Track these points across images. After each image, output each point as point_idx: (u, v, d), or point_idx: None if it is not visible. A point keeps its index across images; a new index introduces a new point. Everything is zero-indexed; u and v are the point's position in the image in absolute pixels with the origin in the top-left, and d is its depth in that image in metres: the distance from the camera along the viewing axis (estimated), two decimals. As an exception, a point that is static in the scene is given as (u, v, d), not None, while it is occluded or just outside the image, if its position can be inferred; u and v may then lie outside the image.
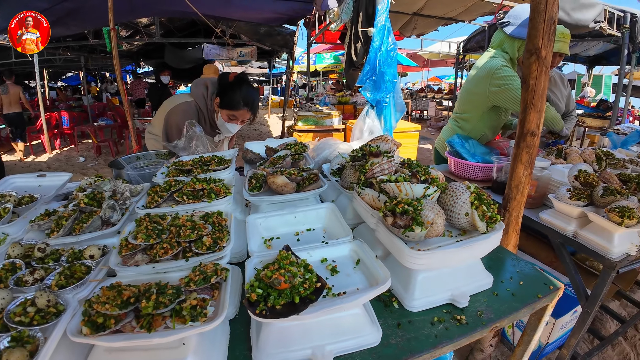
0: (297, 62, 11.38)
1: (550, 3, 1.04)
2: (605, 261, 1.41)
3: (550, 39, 1.07)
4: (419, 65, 15.00)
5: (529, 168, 1.29)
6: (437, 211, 0.86)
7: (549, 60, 1.10)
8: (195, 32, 8.24)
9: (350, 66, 3.53)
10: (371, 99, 3.09)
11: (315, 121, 4.68)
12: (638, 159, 2.51)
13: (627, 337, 2.72)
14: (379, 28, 3.13)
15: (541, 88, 1.13)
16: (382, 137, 1.32)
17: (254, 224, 1.10)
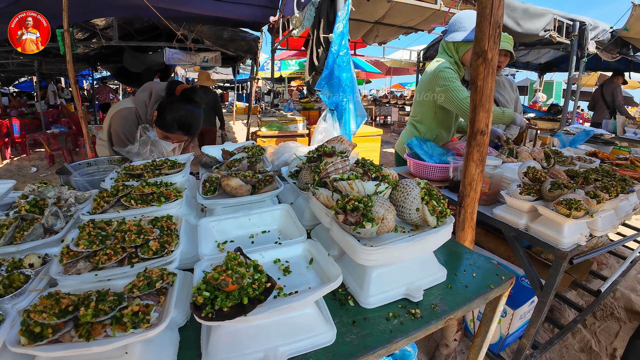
0: (262, 68, 11.34)
1: (495, 7, 1.09)
2: (556, 252, 1.50)
3: (496, 42, 1.12)
4: (382, 72, 15.41)
5: (481, 166, 1.34)
6: (388, 207, 0.87)
7: (495, 62, 1.15)
8: (157, 35, 8.00)
9: (312, 70, 3.55)
10: (329, 103, 3.13)
11: (279, 127, 4.66)
12: (585, 157, 2.69)
13: (586, 325, 2.86)
14: (337, 34, 3.18)
15: (488, 89, 1.18)
16: (337, 138, 1.33)
17: (206, 227, 1.07)
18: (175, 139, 1.89)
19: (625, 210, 1.93)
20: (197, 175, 1.78)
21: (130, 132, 1.94)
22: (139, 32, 7.64)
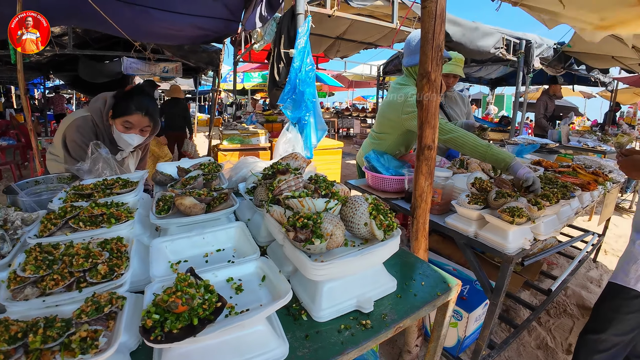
0: (224, 80, 11.26)
1: (437, 32, 1.18)
2: (503, 256, 1.60)
3: (439, 64, 1.20)
4: (344, 85, 15.78)
5: (430, 178, 1.42)
6: (336, 223, 0.91)
7: (438, 83, 1.23)
8: (114, 44, 7.72)
9: (273, 85, 3.58)
10: (292, 117, 3.17)
11: (241, 140, 4.63)
12: (531, 165, 2.88)
13: (541, 323, 3.01)
14: (299, 50, 3.24)
15: (433, 107, 1.26)
16: (292, 155, 1.36)
17: (158, 248, 1.06)
18: (136, 123, 1.84)
19: (567, 214, 2.09)
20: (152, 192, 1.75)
21: (88, 141, 1.87)
22: (96, 40, 7.34)
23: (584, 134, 5.50)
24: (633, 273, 1.62)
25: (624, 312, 1.66)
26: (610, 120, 8.70)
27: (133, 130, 1.86)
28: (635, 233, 1.74)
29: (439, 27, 1.16)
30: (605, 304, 1.77)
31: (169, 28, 5.07)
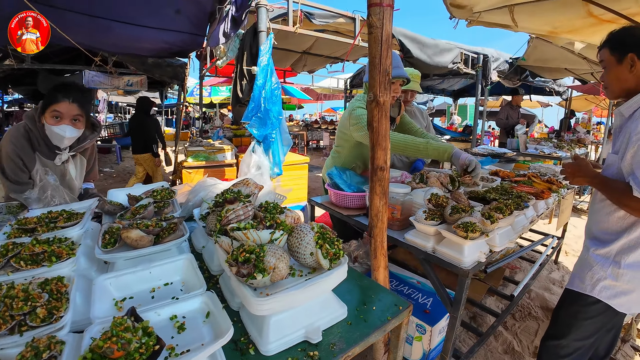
0: (190, 94, 11.11)
1: (384, 57, 1.21)
2: (459, 270, 1.63)
3: (387, 87, 1.23)
4: (312, 98, 15.93)
5: (384, 198, 1.44)
6: (279, 255, 0.90)
7: (387, 106, 1.26)
8: (75, 57, 7.46)
9: (237, 102, 3.57)
10: (258, 135, 3.15)
11: (207, 156, 4.55)
12: (488, 176, 2.98)
13: (507, 327, 3.07)
14: (261, 67, 3.25)
15: (383, 129, 1.29)
16: (243, 181, 1.35)
17: (102, 285, 1.01)
18: (65, 112, 1.76)
19: (522, 224, 2.15)
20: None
21: (23, 150, 1.77)
22: (56, 53, 7.06)
23: (540, 142, 5.77)
24: (589, 280, 1.69)
25: (582, 318, 1.73)
26: (566, 127, 9.20)
27: (63, 120, 1.77)
28: (589, 240, 1.81)
29: (385, 52, 1.19)
30: (564, 310, 1.84)
31: (131, 41, 4.98)
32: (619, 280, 1.61)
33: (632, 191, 1.42)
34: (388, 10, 1.16)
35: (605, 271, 1.64)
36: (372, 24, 1.17)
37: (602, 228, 1.72)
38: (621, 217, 1.62)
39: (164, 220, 1.24)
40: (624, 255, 1.60)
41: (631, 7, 2.84)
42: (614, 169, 1.62)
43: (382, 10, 1.16)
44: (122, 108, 23.79)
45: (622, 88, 1.63)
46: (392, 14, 1.18)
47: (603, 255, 1.67)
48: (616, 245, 1.62)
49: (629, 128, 1.53)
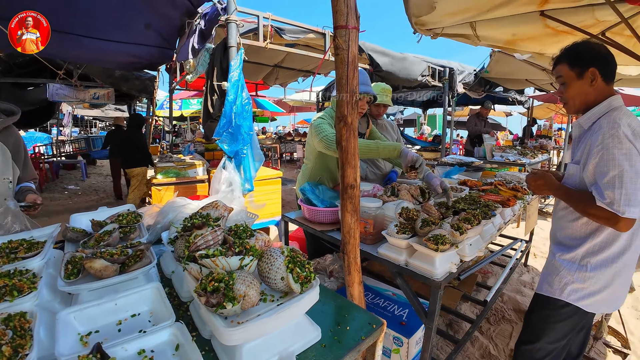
0: (160, 107, 10.88)
1: (351, 78, 1.23)
2: (432, 282, 1.65)
3: (354, 107, 1.25)
4: (285, 111, 15.96)
5: (355, 215, 1.45)
6: (249, 282, 0.89)
7: (355, 125, 1.28)
8: (40, 69, 7.16)
9: (207, 117, 3.52)
10: (229, 151, 3.11)
11: (177, 172, 4.43)
12: (457, 186, 3.06)
13: (483, 332, 3.13)
14: (232, 83, 3.23)
15: (352, 148, 1.30)
16: (212, 204, 1.32)
17: (66, 320, 0.96)
18: None
19: (491, 232, 2.22)
20: None
21: None
22: (20, 66, 6.75)
23: (505, 149, 6.01)
24: (557, 284, 1.75)
25: (554, 321, 1.79)
26: (529, 134, 9.64)
27: None
28: (554, 245, 1.88)
29: (352, 73, 1.21)
30: (535, 314, 1.89)
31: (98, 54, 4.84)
32: (586, 282, 1.68)
33: (595, 201, 1.49)
34: (354, 32, 1.19)
35: (573, 275, 1.71)
36: (339, 45, 1.19)
37: (566, 234, 1.79)
38: (584, 223, 1.70)
39: (129, 247, 1.20)
40: (589, 259, 1.67)
41: (586, 20, 3.02)
42: (576, 178, 1.69)
43: (347, 32, 1.18)
44: (88, 121, 22.96)
45: (583, 102, 1.68)
46: (357, 35, 1.21)
47: (569, 259, 1.74)
48: (581, 249, 1.70)
49: (589, 140, 1.60)
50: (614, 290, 1.70)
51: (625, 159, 1.44)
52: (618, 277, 1.67)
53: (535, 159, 5.72)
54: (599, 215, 1.51)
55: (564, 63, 1.68)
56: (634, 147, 1.47)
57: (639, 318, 3.47)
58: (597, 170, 1.52)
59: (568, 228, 1.78)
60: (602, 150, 1.49)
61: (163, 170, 4.53)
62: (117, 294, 1.05)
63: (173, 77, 6.74)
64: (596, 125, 1.60)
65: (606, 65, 1.62)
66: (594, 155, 1.53)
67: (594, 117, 1.64)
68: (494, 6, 2.86)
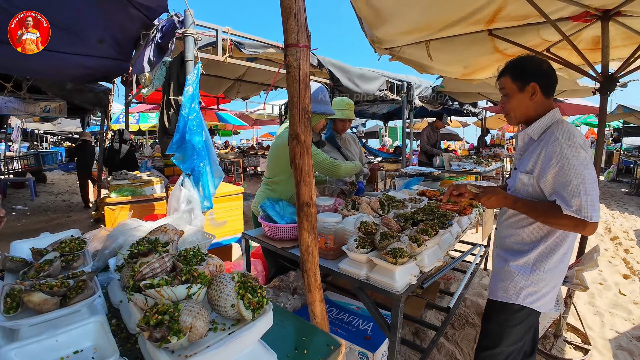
0: (116, 121, 10.45)
1: (302, 96, 1.23)
2: (392, 295, 1.65)
3: (307, 125, 1.25)
4: (248, 124, 15.81)
5: (313, 233, 1.44)
6: (196, 313, 0.85)
7: (309, 143, 1.28)
8: None
9: (164, 133, 3.41)
10: (184, 168, 3.02)
11: (133, 190, 4.23)
12: (416, 197, 3.13)
13: (448, 338, 3.17)
14: (187, 97, 3.15)
15: (306, 166, 1.30)
16: (161, 228, 1.27)
17: (7, 357, 0.88)
18: None
19: (449, 241, 2.28)
20: None
21: None
22: None
23: (462, 159, 6.27)
24: (512, 289, 1.81)
25: (512, 325, 1.85)
26: (483, 144, 10.14)
27: None
28: (504, 252, 1.93)
29: (303, 91, 1.21)
30: (493, 321, 1.94)
31: (49, 66, 4.59)
32: (539, 284, 1.76)
33: (562, 210, 1.54)
34: (304, 50, 1.20)
35: (527, 279, 1.78)
36: (289, 63, 1.19)
37: (516, 240, 1.86)
38: (535, 229, 1.77)
39: (71, 278, 1.11)
40: (542, 262, 1.75)
41: (533, 39, 3.24)
42: (529, 188, 1.74)
43: (298, 50, 1.19)
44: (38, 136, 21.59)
45: (523, 114, 1.77)
46: (309, 53, 1.22)
47: (523, 264, 1.80)
48: (533, 254, 1.77)
49: (542, 150, 1.65)
50: (558, 288, 1.83)
51: (584, 167, 1.52)
52: (561, 275, 1.80)
53: (490, 167, 6.00)
54: (566, 224, 1.56)
55: (508, 76, 1.76)
56: (588, 156, 1.56)
57: (596, 314, 3.66)
58: (558, 179, 1.58)
59: (518, 234, 1.85)
60: (562, 160, 1.55)
61: (117, 189, 4.32)
62: (57, 329, 0.97)
63: (129, 90, 6.51)
64: (546, 136, 1.67)
65: (547, 80, 1.71)
66: (552, 166, 1.59)
67: (541, 129, 1.72)
68: (445, 25, 3.01)
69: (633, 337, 3.19)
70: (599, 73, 2.82)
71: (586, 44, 3.31)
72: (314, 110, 2.56)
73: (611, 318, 3.56)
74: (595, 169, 1.58)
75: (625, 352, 2.99)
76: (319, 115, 2.61)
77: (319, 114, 2.59)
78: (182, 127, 3.02)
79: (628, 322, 3.50)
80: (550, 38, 3.19)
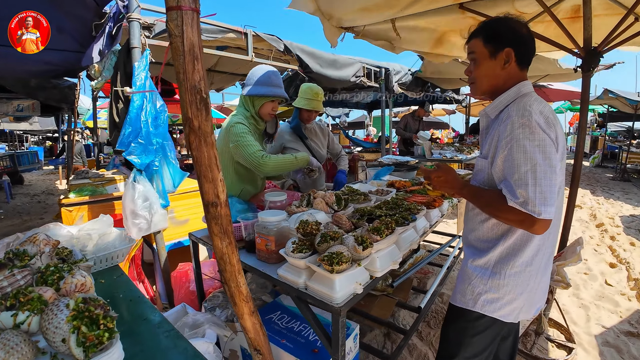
0: (90, 117, 10.10)
1: (190, 72, 0.99)
2: (331, 308, 1.40)
3: (199, 108, 1.01)
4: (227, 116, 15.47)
5: (227, 238, 1.21)
6: (11, 348, 0.63)
7: (206, 129, 1.04)
8: None
9: (114, 127, 3.15)
10: (140, 164, 2.76)
11: (94, 190, 3.96)
12: (384, 188, 2.90)
13: (423, 337, 2.97)
14: (138, 87, 2.89)
15: (205, 158, 1.06)
16: (31, 239, 1.04)
17: None
18: None
19: (411, 239, 2.00)
20: None
21: None
22: None
23: (443, 147, 6.07)
24: (470, 294, 1.58)
25: (471, 334, 1.60)
26: (468, 131, 9.94)
27: None
28: (466, 248, 1.72)
29: (190, 65, 0.98)
30: (451, 327, 1.71)
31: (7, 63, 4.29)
32: (501, 291, 1.50)
33: (507, 201, 1.30)
34: (189, 14, 0.96)
35: (486, 284, 1.53)
36: (171, 31, 0.96)
37: (477, 236, 1.63)
38: (495, 224, 1.53)
39: None
40: (504, 265, 1.50)
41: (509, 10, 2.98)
42: (484, 175, 1.52)
43: (180, 14, 0.94)
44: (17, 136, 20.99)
45: (491, 85, 1.50)
46: (196, 19, 0.98)
47: (482, 266, 1.56)
48: (494, 253, 1.52)
49: (496, 130, 1.42)
50: (530, 295, 1.54)
51: (538, 151, 1.27)
52: (532, 280, 1.52)
53: (471, 154, 5.81)
54: (511, 218, 1.33)
55: (479, 38, 1.48)
56: (547, 137, 1.30)
57: (580, 306, 3.46)
58: (507, 165, 1.34)
59: (478, 230, 1.61)
60: (512, 142, 1.31)
61: (76, 188, 4.05)
62: None
63: (97, 85, 6.19)
64: (504, 114, 1.41)
65: (524, 48, 1.45)
66: (502, 148, 1.36)
67: (501, 105, 1.46)
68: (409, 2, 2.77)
69: (621, 332, 2.99)
70: (580, 48, 2.61)
71: (565, 14, 3.07)
72: (254, 92, 2.33)
73: (597, 311, 3.37)
74: (555, 155, 1.31)
75: (612, 349, 2.79)
76: (261, 98, 2.36)
77: (262, 96, 2.34)
78: (134, 119, 2.77)
79: (615, 315, 3.30)
80: (526, 10, 2.94)
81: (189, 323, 1.81)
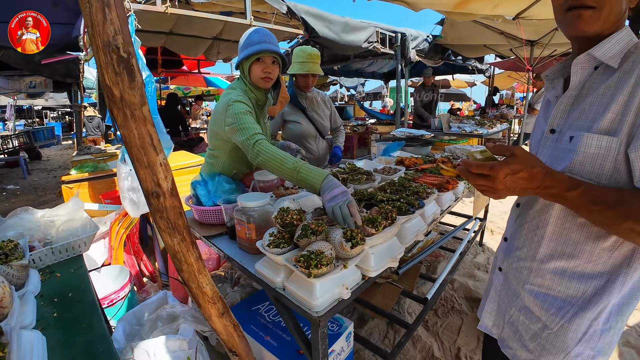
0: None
1: (99, 24, 0.73)
2: (309, 317, 1.16)
3: (119, 71, 0.77)
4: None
5: (177, 235, 0.98)
6: None
7: (131, 100, 0.80)
8: None
9: (103, 102, 2.96)
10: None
11: (95, 166, 3.85)
12: (392, 167, 2.56)
13: (429, 327, 2.75)
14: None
15: (136, 138, 0.82)
16: None
17: None
18: None
19: (417, 228, 1.70)
20: None
21: None
22: None
23: (462, 120, 5.64)
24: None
25: None
26: (490, 104, 9.33)
27: None
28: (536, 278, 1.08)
29: (100, 15, 0.72)
30: None
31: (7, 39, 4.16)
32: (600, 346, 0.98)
33: None
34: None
35: (594, 347, 0.97)
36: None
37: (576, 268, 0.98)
38: (618, 246, 0.92)
39: None
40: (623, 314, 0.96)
41: None
42: (608, 163, 0.87)
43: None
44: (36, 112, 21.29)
45: (618, 18, 0.91)
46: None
47: (589, 321, 0.96)
48: (612, 297, 0.93)
49: (628, 86, 0.85)
50: None
51: None
52: None
53: (493, 129, 5.38)
54: None
55: None
56: None
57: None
58: None
59: (580, 256, 0.96)
60: None
61: (78, 165, 3.95)
62: None
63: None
64: (627, 64, 0.89)
65: None
66: None
67: (621, 51, 0.91)
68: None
69: (643, 332, 2.69)
70: None
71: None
72: (240, 58, 1.97)
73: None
74: None
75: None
76: (246, 62, 1.96)
77: (246, 59, 1.94)
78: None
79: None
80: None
81: (163, 316, 1.65)
